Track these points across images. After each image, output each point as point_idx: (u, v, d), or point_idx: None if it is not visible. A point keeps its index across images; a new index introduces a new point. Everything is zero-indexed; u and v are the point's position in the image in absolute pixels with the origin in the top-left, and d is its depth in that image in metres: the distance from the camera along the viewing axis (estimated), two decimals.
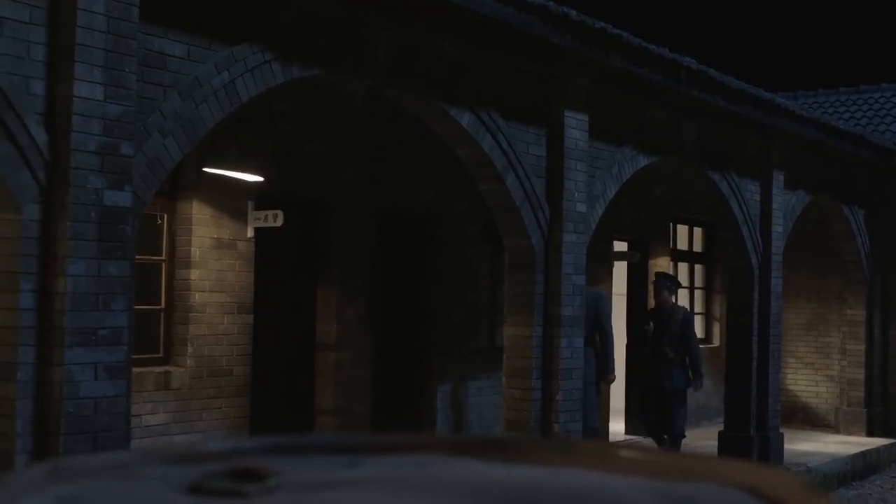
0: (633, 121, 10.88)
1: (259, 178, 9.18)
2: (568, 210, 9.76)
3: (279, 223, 9.52)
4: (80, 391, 5.98)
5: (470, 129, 8.86)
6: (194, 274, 9.33)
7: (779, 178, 13.58)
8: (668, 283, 13.00)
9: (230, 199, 9.55)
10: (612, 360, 11.76)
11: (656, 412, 12.66)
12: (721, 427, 14.06)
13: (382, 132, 10.94)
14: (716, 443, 13.64)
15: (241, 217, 9.67)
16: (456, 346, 12.09)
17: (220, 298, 9.53)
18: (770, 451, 13.18)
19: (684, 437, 12.73)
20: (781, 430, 13.84)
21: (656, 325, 12.66)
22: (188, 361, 9.30)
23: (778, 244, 13.62)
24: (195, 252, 9.33)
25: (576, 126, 9.86)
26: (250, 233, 9.75)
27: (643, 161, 11.05)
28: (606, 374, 11.67)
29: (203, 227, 9.39)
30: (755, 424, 13.27)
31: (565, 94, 9.79)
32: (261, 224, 9.68)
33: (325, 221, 10.65)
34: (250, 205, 9.74)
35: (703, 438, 15.00)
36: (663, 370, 12.39)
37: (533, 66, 9.60)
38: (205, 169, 8.98)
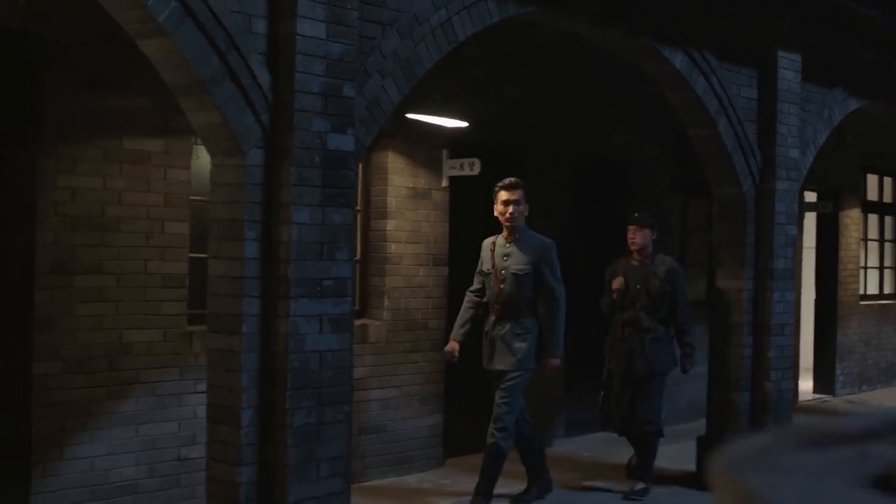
0: (844, 61, 10.21)
1: (463, 124, 8.82)
2: (781, 156, 9.20)
3: (476, 171, 9.16)
4: (305, 344, 5.72)
5: (683, 71, 8.36)
6: (390, 224, 9.05)
7: None
8: (652, 221, 9.08)
9: (425, 147, 9.22)
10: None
11: (618, 402, 9.02)
12: None
13: (574, 75, 10.49)
14: None
15: (435, 166, 9.34)
16: None
17: (416, 250, 9.23)
18: None
19: (661, 435, 9.17)
20: None
21: (628, 281, 8.95)
22: (385, 314, 9.03)
23: None
24: (391, 202, 9.04)
25: (789, 67, 9.26)
26: (445, 182, 9.41)
27: (853, 104, 10.39)
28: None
29: (398, 177, 9.08)
30: None
31: (779, 32, 9.19)
32: (456, 173, 9.34)
33: (519, 169, 10.23)
34: (445, 153, 9.40)
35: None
36: (636, 346, 8.81)
37: (745, 2, 9.01)
38: (407, 115, 8.64)
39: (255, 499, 5.69)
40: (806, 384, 14.40)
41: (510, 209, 8.03)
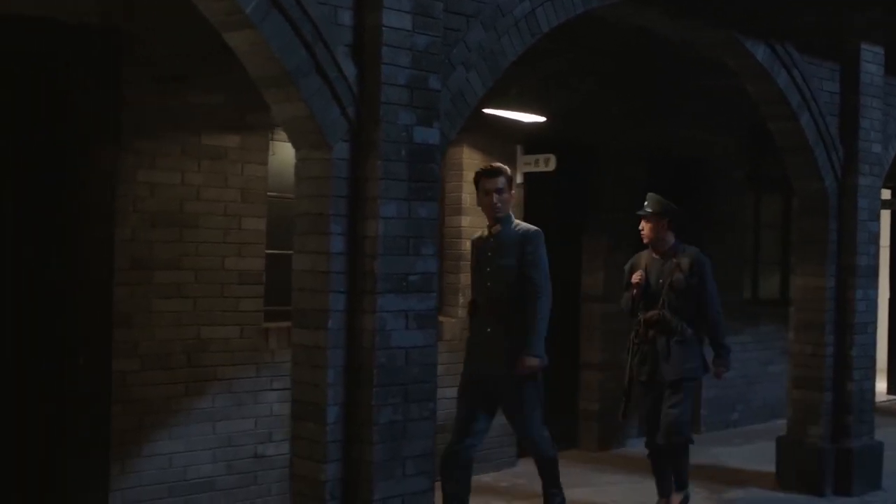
0: None
1: (540, 119, 8.70)
2: (863, 151, 9.00)
3: (551, 167, 9.06)
4: (391, 340, 5.63)
5: (765, 63, 8.20)
6: (465, 221, 8.95)
7: None
8: (660, 210, 8.05)
9: (500, 142, 9.12)
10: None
11: (647, 409, 8.08)
12: None
13: (648, 70, 10.35)
14: None
15: (510, 162, 9.22)
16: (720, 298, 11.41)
17: None
18: None
19: (691, 442, 8.09)
20: None
21: (650, 277, 8.05)
22: (459, 312, 8.94)
23: None
24: (466, 198, 8.94)
25: (872, 60, 9.06)
26: (519, 178, 9.30)
27: None
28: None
29: (473, 173, 8.96)
30: None
31: (861, 24, 8.98)
32: (531, 169, 9.24)
33: (593, 165, 10.13)
34: (519, 149, 9.29)
35: None
36: (659, 348, 7.88)
37: None
38: (483, 110, 8.53)
39: (340, 496, 5.62)
40: (879, 385, 14.11)
41: (493, 198, 7.12)
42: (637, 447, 10.42)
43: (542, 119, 8.82)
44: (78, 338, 6.82)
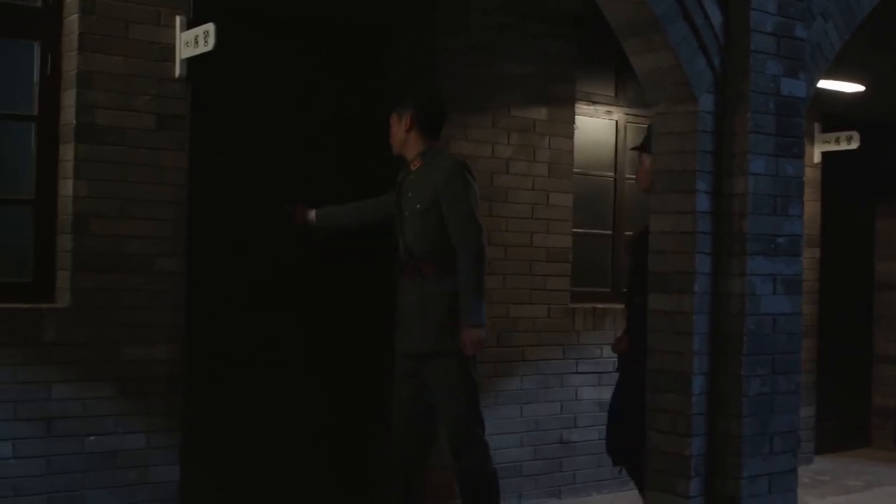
0: None
1: (860, 88, 8.19)
2: None
3: (854, 146, 8.54)
4: (760, 306, 5.24)
5: None
6: None
7: None
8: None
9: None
10: None
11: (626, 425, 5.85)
12: None
13: None
14: None
15: (807, 139, 8.74)
16: None
17: None
18: None
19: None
20: None
21: (635, 252, 5.96)
22: None
23: None
24: None
25: None
26: (817, 157, 8.81)
27: None
28: None
29: None
30: None
31: None
32: (831, 147, 8.73)
33: (887, 145, 9.52)
34: (816, 126, 8.80)
35: None
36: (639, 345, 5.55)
37: None
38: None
39: (704, 473, 5.25)
40: None
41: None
42: None
43: (861, 88, 8.28)
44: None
